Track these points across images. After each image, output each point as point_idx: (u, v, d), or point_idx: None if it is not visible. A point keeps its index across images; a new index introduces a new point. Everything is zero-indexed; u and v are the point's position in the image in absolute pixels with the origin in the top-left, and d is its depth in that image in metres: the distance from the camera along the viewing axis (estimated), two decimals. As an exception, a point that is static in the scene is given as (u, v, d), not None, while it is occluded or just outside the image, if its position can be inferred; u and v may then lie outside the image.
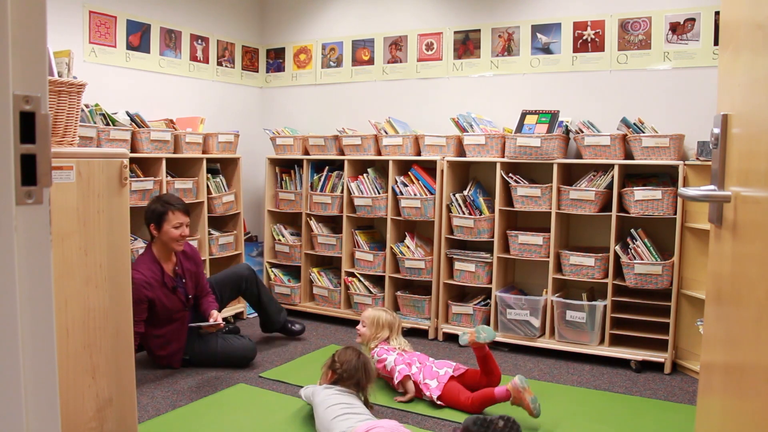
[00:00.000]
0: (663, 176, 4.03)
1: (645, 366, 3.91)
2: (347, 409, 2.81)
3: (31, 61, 0.85)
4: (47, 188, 0.88)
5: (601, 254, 4.01)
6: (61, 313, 2.03)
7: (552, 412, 3.24)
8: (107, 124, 4.04)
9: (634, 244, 3.91)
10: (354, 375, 3.03)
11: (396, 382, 3.45)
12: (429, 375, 3.40)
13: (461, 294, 4.70)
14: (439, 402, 3.31)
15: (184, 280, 3.78)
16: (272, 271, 5.26)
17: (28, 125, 0.84)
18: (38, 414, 0.90)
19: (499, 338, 4.27)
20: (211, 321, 3.70)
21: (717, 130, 1.35)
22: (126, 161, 2.20)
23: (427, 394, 3.35)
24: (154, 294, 3.58)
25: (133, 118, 4.25)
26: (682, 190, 1.40)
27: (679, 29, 4.09)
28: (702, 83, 4.01)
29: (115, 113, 4.17)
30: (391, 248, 4.67)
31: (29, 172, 0.85)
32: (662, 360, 3.85)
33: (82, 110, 3.84)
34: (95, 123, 3.93)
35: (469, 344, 3.37)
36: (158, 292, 3.60)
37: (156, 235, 3.67)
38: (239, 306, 4.97)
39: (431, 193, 4.50)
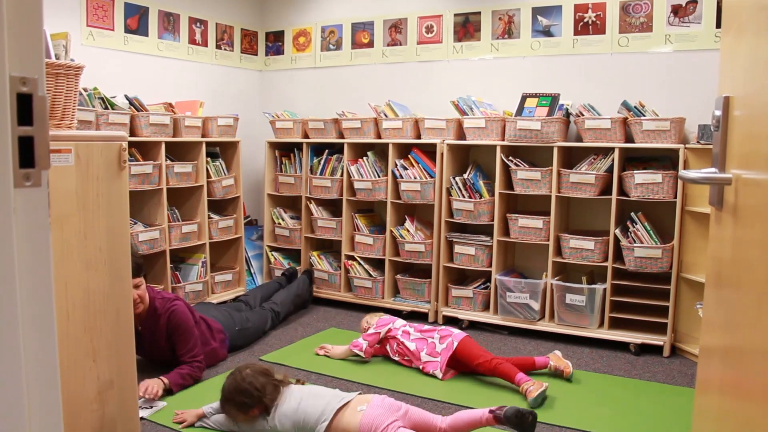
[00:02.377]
0: (663, 160, 4.02)
1: (644, 349, 3.93)
2: (316, 400, 2.72)
3: (28, 42, 0.84)
4: (45, 171, 0.87)
5: (600, 238, 4.01)
6: (61, 296, 2.03)
7: (551, 395, 3.26)
8: (106, 108, 4.02)
9: (634, 227, 3.91)
10: (269, 384, 2.75)
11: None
12: (431, 351, 3.55)
13: (461, 277, 4.70)
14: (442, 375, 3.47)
15: (141, 338, 3.25)
16: (272, 255, 5.27)
17: (25, 107, 0.83)
18: (40, 397, 0.90)
19: (499, 321, 4.28)
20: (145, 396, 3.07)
21: (718, 113, 1.34)
22: (125, 144, 2.19)
23: (432, 370, 3.50)
24: None
25: (132, 102, 4.23)
26: (682, 172, 1.39)
27: (680, 12, 4.06)
28: (703, 66, 4.00)
29: (114, 97, 4.15)
30: (391, 231, 4.67)
31: (27, 154, 0.84)
32: (661, 343, 3.86)
33: (81, 94, 3.83)
34: (94, 107, 3.92)
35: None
36: None
37: None
38: (239, 289, 4.97)
39: (431, 177, 4.49)
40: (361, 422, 2.59)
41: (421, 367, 3.56)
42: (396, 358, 3.70)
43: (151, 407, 3.06)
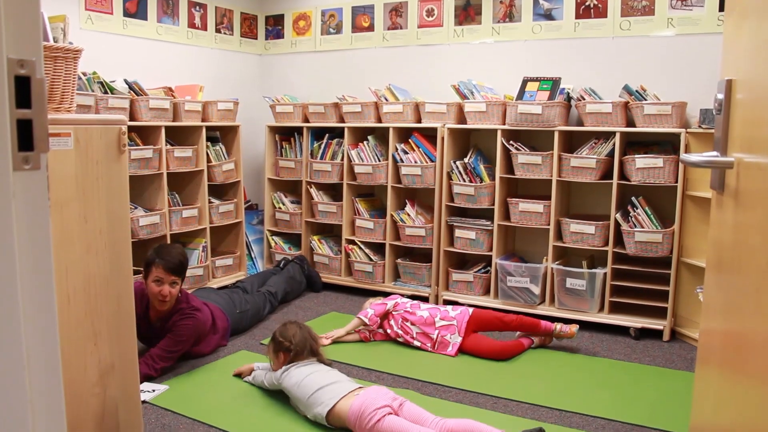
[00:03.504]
0: (665, 144, 4.01)
1: (644, 333, 3.94)
2: (321, 380, 2.83)
3: (25, 24, 0.83)
4: (44, 154, 0.87)
5: (601, 222, 4.01)
6: (61, 280, 2.03)
7: (551, 379, 3.27)
8: (105, 92, 4.00)
9: (634, 211, 3.91)
10: (305, 345, 3.02)
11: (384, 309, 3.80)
12: (444, 316, 3.69)
13: (461, 261, 4.71)
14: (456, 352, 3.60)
15: (154, 332, 3.39)
16: (273, 239, 5.27)
17: (23, 90, 0.83)
18: (41, 381, 0.91)
19: (500, 305, 4.29)
20: None
21: (721, 96, 1.34)
22: (124, 128, 2.18)
23: (448, 349, 3.62)
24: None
25: (132, 86, 4.21)
26: (684, 156, 1.39)
27: (683, -6, 4.03)
28: (706, 50, 3.97)
29: (113, 81, 4.13)
30: (392, 216, 4.67)
31: (26, 137, 0.84)
32: (661, 327, 3.87)
33: (80, 78, 3.81)
34: (93, 91, 3.90)
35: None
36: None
37: (144, 283, 3.34)
38: (240, 273, 4.98)
39: (432, 161, 4.48)
40: (352, 404, 2.65)
41: (436, 333, 3.63)
42: (399, 340, 3.72)
43: (153, 391, 3.07)
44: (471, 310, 3.72)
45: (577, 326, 3.65)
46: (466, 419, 2.62)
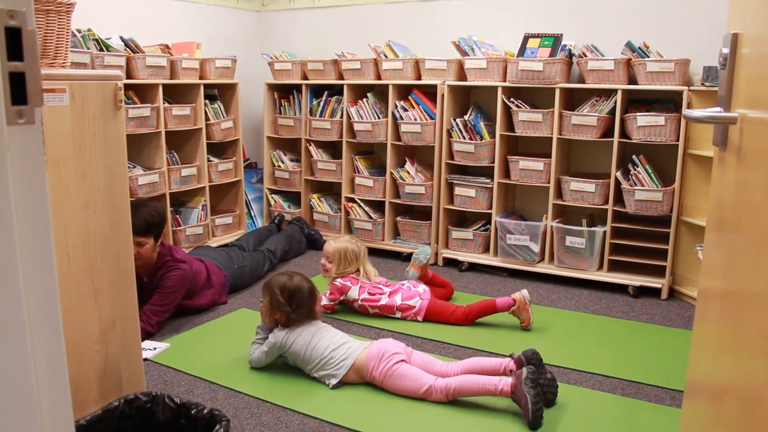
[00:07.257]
0: (667, 102, 3.97)
1: (642, 291, 3.96)
2: (332, 340, 2.83)
3: (15, -27, 0.81)
4: (39, 108, 0.85)
5: (601, 180, 4.00)
6: (60, 237, 2.03)
7: (550, 336, 3.30)
8: (101, 50, 3.95)
9: (635, 170, 3.89)
10: (306, 303, 2.87)
11: (359, 306, 3.58)
12: (408, 296, 3.52)
13: (461, 219, 4.71)
14: (420, 319, 3.49)
15: (144, 288, 3.34)
16: (272, 198, 5.27)
17: (14, 42, 0.81)
18: (43, 339, 0.91)
19: (499, 263, 4.31)
20: None
21: (726, 50, 1.31)
22: (120, 84, 2.16)
23: (410, 314, 3.49)
24: None
25: (128, 44, 4.15)
26: (687, 111, 1.37)
27: (688, -52, 3.95)
28: (710, 6, 3.90)
29: (109, 39, 4.07)
30: (391, 173, 4.65)
31: (19, 91, 0.82)
32: (659, 286, 3.89)
33: (74, 35, 3.75)
34: (88, 48, 3.84)
35: (419, 274, 3.67)
36: None
37: None
38: (239, 232, 4.98)
39: (431, 118, 4.45)
40: (369, 350, 2.74)
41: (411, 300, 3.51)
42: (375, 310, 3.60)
43: (155, 348, 3.09)
44: (426, 302, 3.48)
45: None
46: (471, 358, 2.76)
